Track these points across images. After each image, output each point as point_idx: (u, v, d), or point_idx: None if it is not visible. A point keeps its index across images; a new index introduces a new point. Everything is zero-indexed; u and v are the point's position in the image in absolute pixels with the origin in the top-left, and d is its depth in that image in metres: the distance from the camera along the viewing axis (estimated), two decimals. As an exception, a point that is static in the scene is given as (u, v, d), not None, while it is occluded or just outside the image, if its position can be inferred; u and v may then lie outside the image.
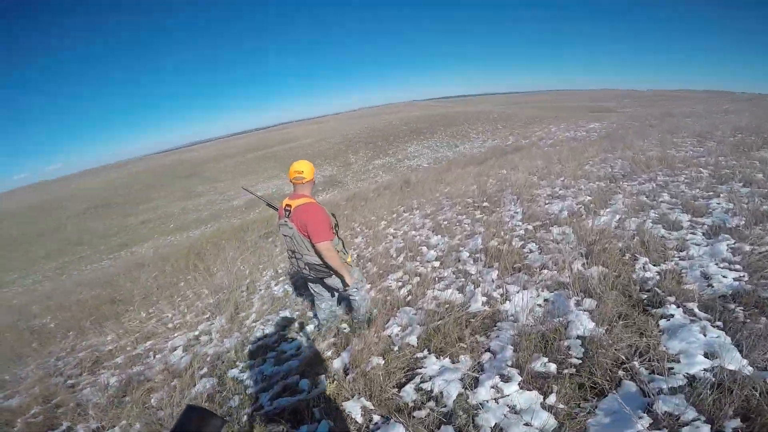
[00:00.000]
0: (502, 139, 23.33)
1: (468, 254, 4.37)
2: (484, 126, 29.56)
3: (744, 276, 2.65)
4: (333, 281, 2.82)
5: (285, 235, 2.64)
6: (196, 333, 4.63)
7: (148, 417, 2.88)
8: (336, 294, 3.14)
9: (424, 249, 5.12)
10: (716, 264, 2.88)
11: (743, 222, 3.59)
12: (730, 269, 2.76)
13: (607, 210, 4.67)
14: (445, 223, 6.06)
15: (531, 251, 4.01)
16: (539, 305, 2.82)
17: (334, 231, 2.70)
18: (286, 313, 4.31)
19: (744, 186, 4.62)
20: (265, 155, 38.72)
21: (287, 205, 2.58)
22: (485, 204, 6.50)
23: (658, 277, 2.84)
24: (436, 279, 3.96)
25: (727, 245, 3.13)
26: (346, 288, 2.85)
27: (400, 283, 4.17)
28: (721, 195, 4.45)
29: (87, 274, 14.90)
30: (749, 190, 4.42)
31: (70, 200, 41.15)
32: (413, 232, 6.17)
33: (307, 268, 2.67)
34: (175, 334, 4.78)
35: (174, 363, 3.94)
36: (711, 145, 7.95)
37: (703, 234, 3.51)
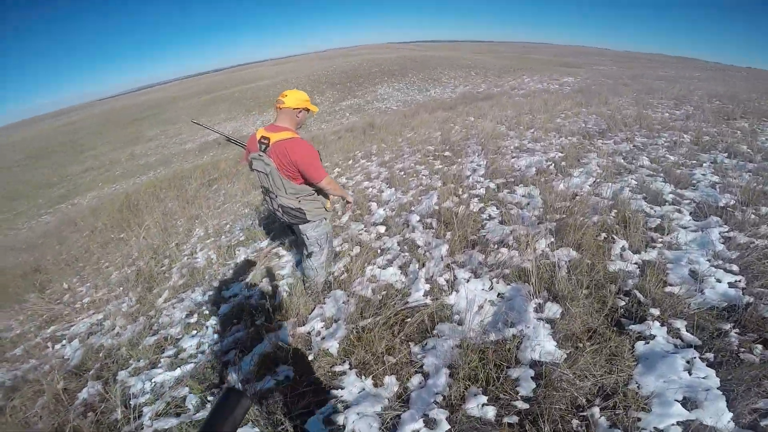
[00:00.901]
0: (473, 86, 21.94)
1: (418, 218, 3.59)
2: (456, 72, 27.68)
3: (741, 281, 2.05)
4: (305, 227, 2.41)
5: (259, 171, 2.20)
6: (100, 317, 3.68)
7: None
8: (308, 244, 2.56)
9: (374, 206, 4.28)
10: (708, 260, 2.26)
11: (733, 202, 3.01)
12: (726, 269, 2.15)
13: (580, 170, 3.97)
14: (401, 174, 5.20)
15: (490, 217, 3.28)
16: (491, 302, 2.12)
17: None
18: (197, 294, 3.41)
19: (729, 157, 4.05)
20: (220, 97, 34.28)
21: (264, 137, 2.13)
22: (447, 153, 5.65)
23: (638, 272, 2.20)
24: (379, 250, 3.18)
25: (720, 233, 2.52)
26: (311, 237, 2.45)
27: (337, 249, 3.36)
28: (705, 165, 3.85)
29: (23, 234, 12.87)
30: (735, 162, 3.85)
31: (4, 150, 35.60)
32: (366, 183, 5.28)
33: (280, 210, 2.28)
34: (80, 317, 3.80)
35: (68, 357, 3.04)
36: (689, 109, 7.39)
37: (691, 214, 2.89)
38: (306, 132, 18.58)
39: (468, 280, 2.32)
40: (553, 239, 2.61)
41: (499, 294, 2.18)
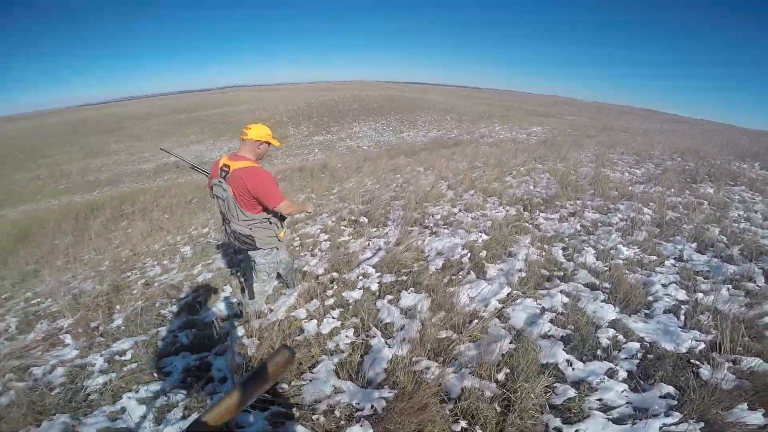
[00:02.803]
0: (446, 131, 21.54)
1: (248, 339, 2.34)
2: (433, 115, 27.42)
3: None
4: (255, 254, 2.35)
5: (218, 197, 2.20)
6: None
7: None
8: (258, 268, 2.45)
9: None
10: None
11: (702, 346, 1.90)
12: None
13: (499, 269, 2.83)
14: (297, 245, 4.02)
15: (337, 349, 2.09)
16: None
17: None
18: None
19: (699, 250, 2.99)
20: (195, 118, 33.11)
21: (225, 164, 2.13)
22: (363, 219, 4.50)
23: None
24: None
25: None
26: (260, 264, 2.38)
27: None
28: (668, 264, 2.77)
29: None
30: (708, 261, 2.78)
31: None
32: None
33: (233, 235, 2.28)
34: None
35: None
36: (650, 167, 6.55)
37: (629, 377, 1.74)
38: (269, 164, 17.54)
39: None
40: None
41: None
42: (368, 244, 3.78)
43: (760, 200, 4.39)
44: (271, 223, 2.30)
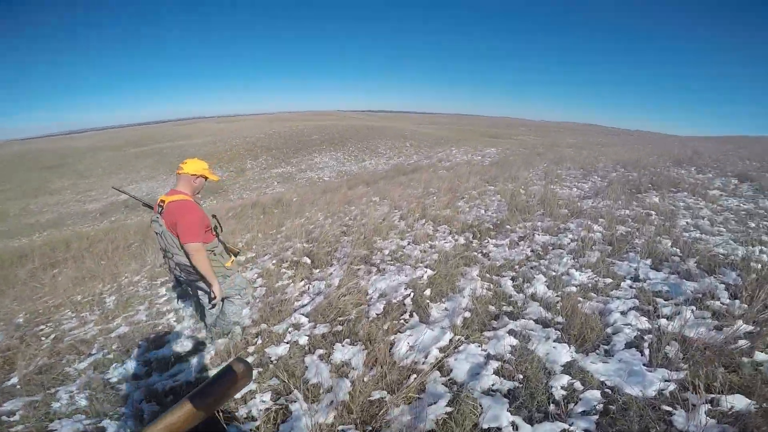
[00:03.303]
0: (406, 157, 21.79)
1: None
2: (394, 142, 27.78)
3: None
4: (205, 285, 2.26)
5: (156, 233, 2.22)
6: None
7: None
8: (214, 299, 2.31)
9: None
10: None
11: (672, 387, 1.63)
12: None
13: (443, 310, 2.51)
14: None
15: (250, 417, 1.75)
16: None
17: (215, 233, 2.33)
18: None
19: (654, 266, 2.81)
20: (147, 152, 31.28)
21: (161, 200, 2.19)
22: (305, 259, 4.07)
23: None
24: None
25: None
26: (213, 298, 2.23)
27: None
28: (624, 287, 2.56)
29: None
30: (665, 279, 2.59)
31: None
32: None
33: (177, 269, 2.26)
34: None
35: None
36: (596, 180, 6.66)
37: None
38: (224, 200, 16.69)
39: None
40: None
41: None
42: (308, 288, 3.37)
43: (704, 205, 4.43)
44: (215, 254, 2.29)
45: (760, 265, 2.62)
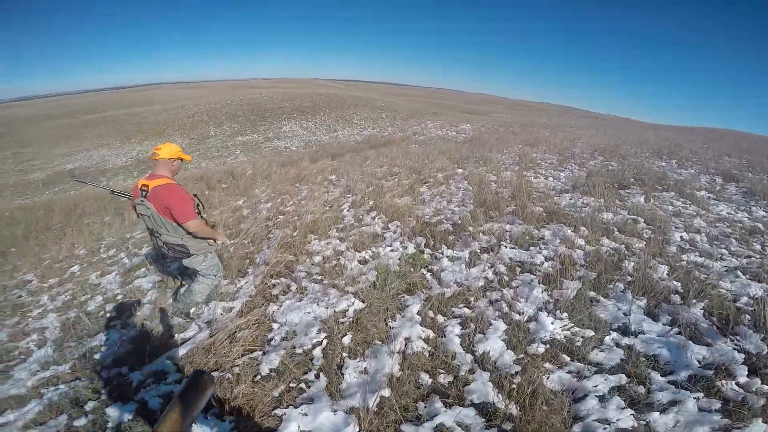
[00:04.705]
0: (381, 129, 20.47)
1: None
2: (369, 113, 26.12)
3: None
4: (191, 261, 2.39)
5: (143, 215, 2.28)
6: None
7: None
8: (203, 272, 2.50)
9: None
10: None
11: None
12: None
13: (362, 367, 1.68)
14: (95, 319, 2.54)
15: None
16: None
17: (197, 211, 2.34)
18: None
19: (649, 311, 2.07)
20: (100, 119, 28.06)
21: (144, 185, 2.24)
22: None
23: None
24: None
25: None
26: (201, 269, 2.43)
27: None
28: (608, 342, 1.80)
29: None
30: (663, 335, 1.85)
31: None
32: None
33: (165, 247, 2.32)
34: None
35: None
36: (573, 169, 5.95)
37: None
38: (182, 171, 15.12)
39: None
40: None
41: None
42: (199, 314, 2.45)
43: (695, 211, 3.77)
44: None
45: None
